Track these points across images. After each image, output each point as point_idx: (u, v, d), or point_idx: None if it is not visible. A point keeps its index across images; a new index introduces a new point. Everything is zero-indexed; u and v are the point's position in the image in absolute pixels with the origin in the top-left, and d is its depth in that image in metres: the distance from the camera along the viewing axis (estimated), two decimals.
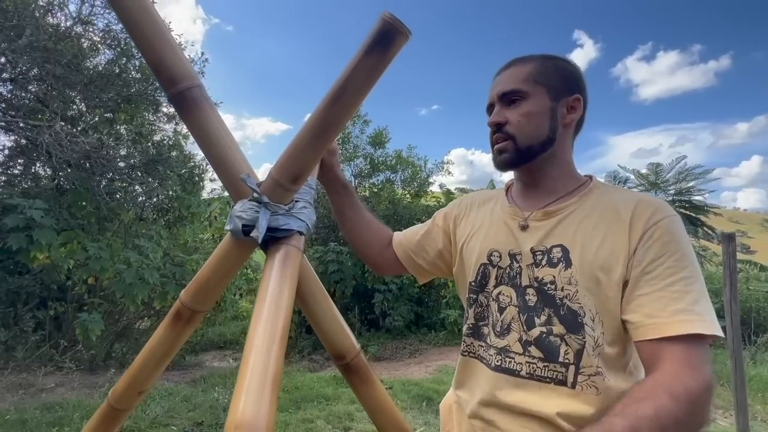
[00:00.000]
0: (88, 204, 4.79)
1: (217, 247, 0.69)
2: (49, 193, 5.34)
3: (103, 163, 4.59)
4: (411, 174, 9.31)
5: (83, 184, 4.69)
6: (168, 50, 0.66)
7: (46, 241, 4.17)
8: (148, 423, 3.46)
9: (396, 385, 4.67)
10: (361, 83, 0.62)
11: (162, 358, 0.73)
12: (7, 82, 5.31)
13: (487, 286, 0.85)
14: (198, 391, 4.29)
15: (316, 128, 0.63)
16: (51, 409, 3.52)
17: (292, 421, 3.65)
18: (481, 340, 0.84)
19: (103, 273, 4.46)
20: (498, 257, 0.85)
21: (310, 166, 0.66)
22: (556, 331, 0.75)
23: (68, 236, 4.71)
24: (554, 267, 0.77)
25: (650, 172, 9.84)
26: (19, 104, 5.32)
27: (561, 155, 0.85)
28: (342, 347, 0.81)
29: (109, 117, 5.27)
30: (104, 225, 5.32)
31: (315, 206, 0.77)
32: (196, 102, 0.67)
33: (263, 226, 0.64)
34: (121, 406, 0.76)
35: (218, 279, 0.70)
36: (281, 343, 0.56)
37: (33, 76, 4.87)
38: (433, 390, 4.43)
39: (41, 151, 4.31)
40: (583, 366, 0.73)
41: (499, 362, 0.79)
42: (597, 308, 0.73)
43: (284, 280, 0.62)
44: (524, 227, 0.83)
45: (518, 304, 0.80)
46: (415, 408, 4.05)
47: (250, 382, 0.51)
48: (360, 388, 0.83)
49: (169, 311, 0.72)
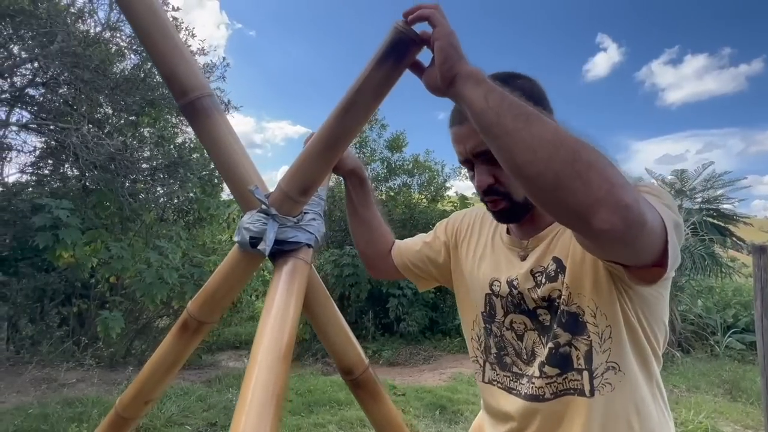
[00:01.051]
0: (111, 204, 4.92)
1: (225, 259, 0.69)
2: (76, 193, 5.52)
3: (126, 165, 4.72)
4: (428, 178, 9.25)
5: (107, 185, 4.82)
6: (180, 61, 0.66)
7: (71, 240, 4.30)
8: (164, 422, 3.51)
9: (409, 392, 4.63)
10: (373, 95, 0.60)
11: (169, 368, 0.73)
12: (39, 86, 5.53)
13: (497, 315, 0.84)
14: (213, 391, 4.34)
15: (326, 140, 0.62)
16: (71, 405, 3.61)
17: (304, 425, 3.65)
18: (507, 370, 0.83)
19: (125, 272, 4.57)
20: (498, 286, 0.84)
21: (319, 178, 0.65)
22: (563, 341, 0.74)
23: (92, 236, 4.85)
24: (555, 281, 0.76)
25: (676, 179, 9.53)
26: (49, 107, 5.52)
27: None
28: (350, 362, 0.79)
29: (133, 120, 5.41)
30: (127, 225, 5.46)
31: (326, 214, 0.76)
32: (206, 111, 0.67)
33: (271, 238, 0.63)
34: (128, 415, 0.75)
35: (226, 291, 0.69)
36: (286, 360, 0.55)
37: (63, 80, 5.04)
38: (447, 398, 4.36)
39: (69, 152, 4.45)
40: (595, 367, 0.72)
41: (528, 390, 0.79)
42: (596, 302, 0.72)
43: (291, 295, 0.61)
44: (524, 257, 0.82)
45: (535, 327, 0.79)
46: (428, 416, 3.99)
47: (252, 401, 0.50)
48: (368, 404, 0.81)
49: (177, 322, 0.71)
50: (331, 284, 7.59)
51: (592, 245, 0.61)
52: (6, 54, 5.27)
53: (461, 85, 0.57)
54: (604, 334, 0.72)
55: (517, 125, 0.53)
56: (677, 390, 4.72)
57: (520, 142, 0.53)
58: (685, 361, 5.60)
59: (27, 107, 5.68)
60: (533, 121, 0.54)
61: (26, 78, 5.55)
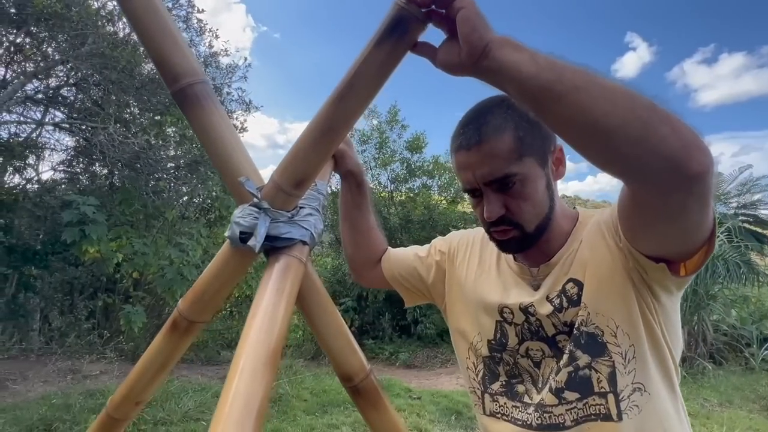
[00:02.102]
0: (136, 202, 5.04)
1: (216, 256, 0.65)
2: (103, 191, 5.69)
3: (150, 163, 4.82)
4: (448, 180, 9.13)
5: (132, 182, 4.94)
6: (171, 45, 0.62)
7: (96, 235, 4.42)
8: (180, 416, 3.56)
9: (425, 395, 4.55)
10: (372, 78, 0.55)
11: (159, 369, 0.70)
12: (71, 86, 5.73)
13: (509, 344, 0.80)
14: None
15: (321, 128, 0.57)
16: (93, 396, 3.71)
17: (318, 426, 3.63)
18: (516, 399, 0.79)
19: (147, 268, 4.67)
20: (510, 314, 0.80)
21: (315, 169, 0.60)
22: (582, 363, 0.71)
23: (118, 232, 4.98)
24: (577, 305, 0.73)
25: None
26: (81, 107, 5.71)
27: (557, 209, 0.78)
28: (349, 368, 0.74)
29: (158, 119, 5.54)
30: (150, 222, 5.58)
31: (326, 210, 0.71)
32: (198, 99, 0.63)
33: (262, 233, 0.58)
34: (118, 416, 0.73)
35: (216, 289, 0.65)
36: (271, 367, 0.50)
37: (93, 81, 5.20)
38: (463, 404, 4.27)
39: (96, 151, 4.58)
40: (621, 389, 0.68)
41: (539, 420, 0.74)
42: (616, 321, 0.69)
43: (281, 295, 0.56)
44: (536, 287, 0.79)
45: (554, 354, 0.75)
46: (443, 421, 3.91)
47: (230, 413, 0.45)
48: (368, 413, 0.76)
49: (167, 321, 0.68)
50: (349, 284, 7.59)
51: (678, 206, 0.54)
52: (41, 56, 5.50)
53: (498, 52, 0.50)
54: (628, 354, 0.69)
55: (584, 78, 0.49)
56: (708, 404, 4.47)
57: (595, 93, 0.48)
58: (717, 374, 5.31)
59: (60, 107, 5.90)
60: (597, 74, 0.50)
61: (61, 80, 5.77)
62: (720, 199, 9.04)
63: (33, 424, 3.20)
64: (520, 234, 0.74)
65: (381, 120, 9.54)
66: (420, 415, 4.00)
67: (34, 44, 5.40)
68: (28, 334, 5.62)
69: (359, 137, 9.74)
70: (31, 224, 5.53)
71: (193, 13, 5.81)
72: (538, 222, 0.74)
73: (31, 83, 5.52)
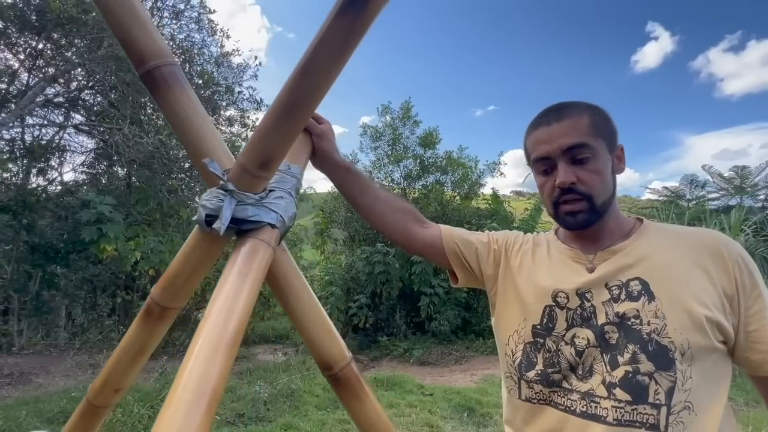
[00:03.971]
0: (151, 201, 5.15)
1: (186, 241, 0.64)
2: (121, 190, 5.83)
3: (165, 163, 4.90)
4: (461, 175, 9.04)
5: (148, 182, 5.04)
6: (138, 27, 0.61)
7: (113, 234, 4.53)
8: None
9: (437, 392, 4.51)
10: (335, 51, 0.53)
11: (135, 355, 0.69)
12: (88, 89, 5.88)
13: (555, 329, 0.79)
14: (243, 383, 4.43)
15: (284, 105, 0.55)
16: None
17: (329, 421, 3.64)
18: (555, 386, 0.78)
19: (162, 265, 4.76)
20: (565, 298, 0.80)
21: (280, 149, 0.58)
22: (643, 370, 0.70)
23: (135, 230, 5.10)
24: (636, 301, 0.73)
25: (735, 175, 8.75)
26: (98, 110, 5.87)
27: (615, 204, 0.83)
28: (329, 356, 0.72)
29: None
30: (166, 221, 5.69)
31: (298, 194, 0.69)
32: (166, 81, 0.62)
33: (227, 216, 0.57)
34: (99, 402, 0.73)
35: (187, 274, 0.64)
36: (229, 351, 0.49)
37: (108, 83, 5.33)
38: (476, 400, 4.21)
39: (112, 151, 4.69)
40: (674, 404, 0.69)
41: (585, 408, 0.74)
42: (690, 341, 0.69)
43: (245, 278, 0.55)
44: (591, 269, 0.80)
45: (599, 344, 0.75)
46: (455, 418, 3.87)
47: (182, 395, 0.44)
48: (349, 403, 0.74)
49: (141, 308, 0.67)
50: (363, 281, 7.59)
51: None
52: (61, 60, 5.66)
53: None
54: (686, 374, 0.69)
55: None
56: (734, 404, 4.31)
57: None
58: (743, 372, 5.10)
59: (80, 110, 6.06)
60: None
61: (80, 83, 5.94)
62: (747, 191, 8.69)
63: (54, 416, 3.30)
64: (588, 206, 0.77)
65: (394, 116, 9.51)
66: (432, 411, 3.96)
67: (53, 49, 5.56)
68: (54, 330, 5.82)
69: (372, 134, 9.73)
70: (53, 224, 5.71)
71: (204, 13, 5.88)
72: (604, 199, 0.78)
73: (52, 87, 5.70)
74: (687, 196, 9.15)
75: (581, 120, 0.78)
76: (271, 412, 3.83)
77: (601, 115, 0.80)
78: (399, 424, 3.58)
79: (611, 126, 0.81)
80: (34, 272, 5.38)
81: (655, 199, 9.63)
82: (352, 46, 0.53)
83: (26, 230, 5.26)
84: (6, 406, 3.54)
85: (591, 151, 0.77)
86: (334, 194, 9.52)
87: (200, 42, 5.93)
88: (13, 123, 5.35)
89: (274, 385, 4.33)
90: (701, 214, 7.29)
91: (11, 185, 5.48)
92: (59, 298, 5.79)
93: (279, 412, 3.84)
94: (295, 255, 7.31)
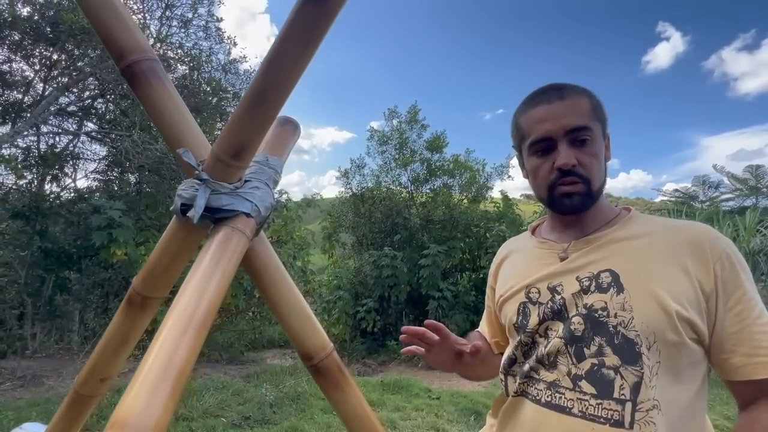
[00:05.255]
0: (160, 206, 5.23)
1: (165, 231, 0.65)
2: (132, 196, 5.94)
3: (173, 168, 4.98)
4: (468, 178, 9.00)
5: (157, 187, 5.12)
6: (117, 22, 0.63)
7: (123, 238, 4.61)
8: (201, 413, 3.64)
9: (444, 395, 4.48)
10: (301, 41, 0.54)
11: (120, 345, 0.71)
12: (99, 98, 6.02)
13: (529, 324, 0.80)
14: (250, 386, 4.45)
15: (254, 96, 0.56)
16: (119, 392, 3.85)
17: (334, 424, 3.63)
18: (526, 377, 0.79)
19: None
20: (537, 293, 0.80)
21: (253, 139, 0.60)
22: (609, 363, 0.69)
23: (145, 235, 5.18)
24: (605, 292, 0.72)
25: (749, 175, 8.57)
26: (110, 118, 6.00)
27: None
28: (310, 345, 0.73)
29: None
30: None
31: (276, 185, 0.70)
32: (145, 76, 0.64)
33: (200, 204, 0.58)
34: (85, 392, 0.74)
35: (166, 264, 0.66)
36: (196, 335, 0.50)
37: (119, 91, 5.45)
38: (483, 404, 4.18)
39: (121, 157, 4.79)
40: (641, 401, 0.67)
41: (549, 398, 0.74)
42: (656, 336, 0.67)
43: (216, 266, 0.56)
44: (563, 258, 0.79)
45: (563, 335, 0.74)
46: (461, 422, 3.83)
47: (146, 376, 0.45)
48: (330, 394, 0.75)
49: (124, 298, 0.69)
50: (371, 285, 7.58)
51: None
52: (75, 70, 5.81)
53: None
54: (653, 369, 0.68)
55: None
56: None
57: None
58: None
59: (93, 118, 6.21)
60: None
61: (93, 92, 6.09)
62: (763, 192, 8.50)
63: None
64: (585, 189, 0.76)
65: (401, 120, 9.54)
66: (438, 414, 3.94)
67: (67, 59, 5.71)
68: (66, 333, 5.92)
69: (379, 138, 9.77)
70: (66, 230, 5.83)
71: (212, 21, 6.00)
72: (600, 183, 0.78)
73: (66, 96, 5.85)
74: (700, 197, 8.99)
75: (582, 101, 0.77)
76: (277, 414, 3.84)
77: (596, 99, 0.80)
78: (405, 428, 3.56)
79: (605, 112, 0.81)
80: (47, 277, 5.49)
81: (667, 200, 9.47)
82: (317, 37, 0.54)
83: (40, 236, 5.39)
84: (17, 407, 3.61)
85: (591, 134, 0.76)
86: (342, 199, 9.57)
87: (208, 50, 6.05)
88: (28, 132, 5.50)
89: (280, 389, 4.34)
90: (714, 215, 7.15)
91: (26, 192, 5.62)
92: (72, 303, 5.90)
93: (285, 415, 3.85)
94: (303, 259, 7.33)
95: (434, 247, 7.28)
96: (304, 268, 7.39)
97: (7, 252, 5.67)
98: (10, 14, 4.92)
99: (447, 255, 7.76)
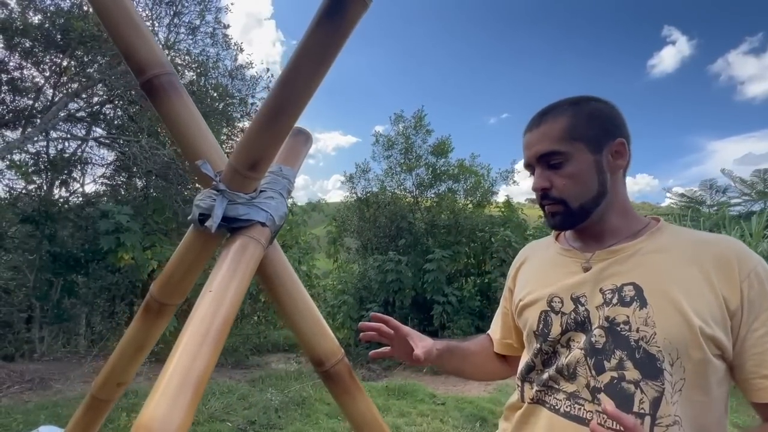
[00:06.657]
0: (167, 210, 5.28)
1: (182, 240, 0.67)
2: (139, 201, 6.00)
3: (180, 173, 5.03)
4: (473, 183, 9.01)
5: (164, 192, 5.17)
6: (137, 38, 0.65)
7: (130, 242, 4.66)
8: (206, 417, 3.65)
9: (449, 401, 4.46)
10: (316, 59, 0.56)
11: (137, 350, 0.72)
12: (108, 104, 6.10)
13: (551, 333, 0.80)
14: (255, 390, 4.46)
15: (270, 110, 0.58)
16: (126, 396, 3.87)
17: (339, 429, 3.63)
18: (544, 385, 0.80)
19: None
20: (560, 302, 0.80)
21: (268, 151, 0.61)
22: (629, 377, 0.69)
23: (152, 240, 5.23)
24: (627, 306, 0.71)
25: (757, 179, 8.51)
26: (118, 123, 6.07)
27: (617, 201, 0.81)
28: (321, 351, 0.74)
29: None
30: (182, 230, 5.82)
31: (289, 195, 0.72)
32: (164, 90, 0.66)
33: (218, 214, 0.60)
34: (102, 396, 0.76)
35: (183, 272, 0.67)
36: (215, 344, 0.51)
37: (127, 98, 5.52)
38: (489, 410, 4.15)
39: (129, 162, 4.84)
40: (660, 416, 0.67)
41: (568, 408, 0.74)
42: (679, 352, 0.67)
43: (233, 275, 0.57)
44: (587, 268, 0.79)
45: (584, 347, 0.74)
46: (467, 427, 3.82)
47: (168, 383, 0.47)
48: (341, 399, 0.76)
49: (141, 304, 0.70)
50: (375, 290, 7.59)
51: None
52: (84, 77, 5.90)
53: None
54: (677, 386, 0.67)
55: None
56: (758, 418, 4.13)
57: None
58: None
59: (101, 124, 6.29)
60: None
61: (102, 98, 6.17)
62: None
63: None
64: (564, 209, 0.78)
65: (407, 125, 9.57)
66: (443, 420, 3.92)
67: (76, 66, 5.80)
68: (74, 337, 5.96)
69: (384, 143, 9.80)
70: (74, 234, 5.89)
71: (219, 28, 6.07)
72: (583, 201, 0.78)
73: (75, 102, 5.93)
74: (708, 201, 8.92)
75: (555, 125, 0.78)
76: (282, 419, 3.84)
77: (584, 113, 0.78)
78: None
79: (600, 120, 0.79)
80: (55, 281, 5.54)
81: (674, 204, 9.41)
82: (331, 54, 0.56)
83: (48, 240, 5.45)
84: (26, 410, 3.64)
85: (563, 157, 0.77)
86: (347, 204, 9.60)
87: (215, 56, 6.12)
88: (38, 137, 5.58)
89: (285, 393, 4.35)
90: (721, 220, 7.10)
91: (35, 197, 5.69)
92: (79, 306, 5.95)
93: (290, 419, 3.85)
94: (308, 264, 7.36)
95: (439, 251, 7.27)
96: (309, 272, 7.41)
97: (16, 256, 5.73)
98: (21, 22, 5.01)
99: (452, 260, 7.75)
